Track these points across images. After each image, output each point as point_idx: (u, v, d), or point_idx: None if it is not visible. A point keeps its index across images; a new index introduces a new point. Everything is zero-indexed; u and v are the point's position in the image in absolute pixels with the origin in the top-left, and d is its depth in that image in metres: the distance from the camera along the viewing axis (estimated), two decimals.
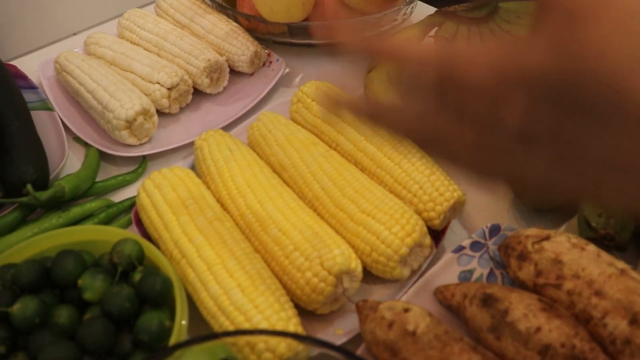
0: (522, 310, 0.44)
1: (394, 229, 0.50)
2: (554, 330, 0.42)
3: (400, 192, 0.55)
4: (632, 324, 0.41)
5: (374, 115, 0.34)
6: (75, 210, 0.61)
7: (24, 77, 0.78)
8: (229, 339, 0.37)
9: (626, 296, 0.43)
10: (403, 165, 0.56)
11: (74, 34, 0.93)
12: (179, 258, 0.48)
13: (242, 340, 0.40)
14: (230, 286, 0.45)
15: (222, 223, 0.50)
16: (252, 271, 0.46)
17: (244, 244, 0.49)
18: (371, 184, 0.54)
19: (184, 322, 0.44)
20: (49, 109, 0.74)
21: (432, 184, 0.54)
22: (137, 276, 0.47)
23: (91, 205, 0.62)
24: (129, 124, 0.67)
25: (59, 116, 0.72)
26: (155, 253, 0.49)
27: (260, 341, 0.40)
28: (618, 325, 0.42)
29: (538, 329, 0.42)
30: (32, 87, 0.77)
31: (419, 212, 0.54)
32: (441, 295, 0.50)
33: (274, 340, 0.40)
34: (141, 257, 0.48)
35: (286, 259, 0.48)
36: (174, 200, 0.52)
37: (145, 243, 0.49)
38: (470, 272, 0.53)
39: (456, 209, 0.56)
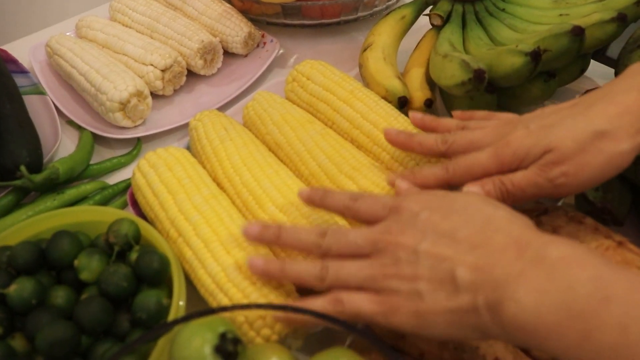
0: None
1: None
2: None
3: (397, 169, 0.55)
4: None
5: None
6: (70, 193, 0.60)
7: (14, 61, 0.77)
8: (226, 314, 0.37)
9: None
10: None
11: (64, 20, 0.93)
12: (176, 237, 0.48)
13: (240, 316, 0.40)
14: (227, 263, 0.44)
15: (219, 201, 0.50)
16: (249, 248, 0.46)
17: (241, 221, 0.48)
18: (368, 161, 0.54)
19: (181, 303, 0.43)
20: (41, 92, 0.73)
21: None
22: (133, 255, 0.46)
23: (86, 187, 0.62)
24: (123, 105, 0.66)
25: (52, 100, 0.72)
26: (152, 232, 0.48)
27: (259, 318, 0.40)
28: None
29: None
30: (23, 71, 0.76)
31: None
32: None
33: (272, 317, 0.40)
34: (138, 236, 0.48)
35: None
36: (170, 179, 0.51)
37: (141, 222, 0.49)
38: None
39: None
